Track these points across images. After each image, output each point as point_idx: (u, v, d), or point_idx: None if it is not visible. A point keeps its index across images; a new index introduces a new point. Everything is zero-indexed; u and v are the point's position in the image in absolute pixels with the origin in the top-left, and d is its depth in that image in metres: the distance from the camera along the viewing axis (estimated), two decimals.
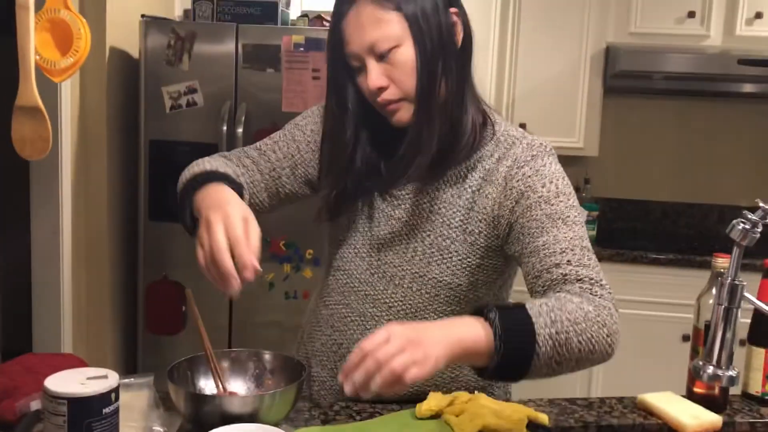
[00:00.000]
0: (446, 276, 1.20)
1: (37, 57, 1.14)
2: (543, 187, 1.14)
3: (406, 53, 1.10)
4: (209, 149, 2.83)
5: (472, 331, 0.98)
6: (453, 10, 1.15)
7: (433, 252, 1.19)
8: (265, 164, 1.30)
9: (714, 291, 1.25)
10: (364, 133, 1.21)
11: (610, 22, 3.24)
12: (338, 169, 1.22)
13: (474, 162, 1.20)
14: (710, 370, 1.03)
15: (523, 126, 3.28)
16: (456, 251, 1.19)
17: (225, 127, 2.83)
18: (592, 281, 1.08)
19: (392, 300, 1.23)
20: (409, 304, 1.23)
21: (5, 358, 1.36)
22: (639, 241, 3.30)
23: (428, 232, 1.20)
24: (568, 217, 1.12)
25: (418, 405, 1.19)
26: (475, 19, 3.50)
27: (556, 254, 1.09)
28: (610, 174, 3.68)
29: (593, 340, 1.04)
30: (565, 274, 1.07)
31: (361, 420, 1.20)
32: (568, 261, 1.08)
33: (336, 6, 1.15)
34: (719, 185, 3.63)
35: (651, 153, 3.67)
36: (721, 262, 1.27)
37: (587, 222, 3.24)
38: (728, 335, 1.03)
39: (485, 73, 3.31)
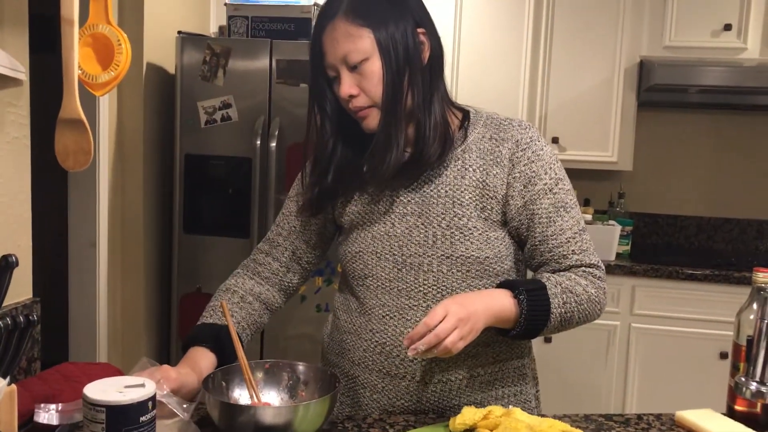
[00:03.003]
0: (472, 251, 1.28)
1: (79, 71, 1.17)
2: (546, 174, 1.30)
3: (375, 65, 1.23)
4: (243, 163, 2.90)
5: (505, 306, 1.21)
6: (420, 30, 1.27)
7: (453, 232, 1.28)
8: (281, 252, 1.45)
9: (755, 306, 1.23)
10: (342, 136, 1.33)
11: (644, 36, 3.21)
12: (321, 168, 1.34)
13: (469, 144, 1.32)
14: (753, 386, 1.01)
15: (555, 140, 3.28)
16: (474, 227, 1.28)
17: (259, 142, 2.87)
18: (592, 266, 1.30)
19: (425, 287, 1.29)
20: (443, 286, 1.29)
21: (43, 367, 1.39)
22: (674, 256, 3.25)
23: (443, 216, 1.29)
24: (567, 203, 1.31)
25: (451, 419, 1.19)
26: (507, 34, 3.50)
27: (563, 245, 1.29)
28: (645, 188, 3.64)
29: (589, 316, 1.30)
30: (571, 265, 1.29)
31: None
32: (573, 251, 1.29)
33: (316, 21, 1.29)
34: (757, 200, 3.57)
35: (686, 167, 3.62)
36: (763, 276, 1.24)
37: (621, 237, 3.20)
38: None
39: (517, 87, 3.31)
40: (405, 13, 1.25)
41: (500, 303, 1.20)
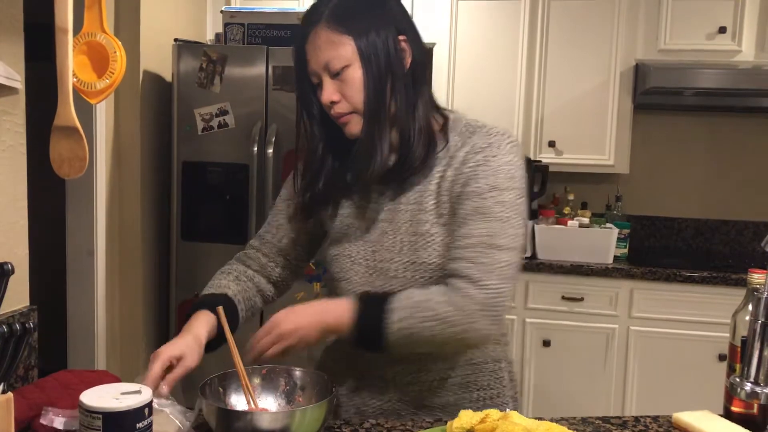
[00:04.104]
0: (434, 258, 1.28)
1: (75, 79, 1.17)
2: (484, 179, 1.25)
3: (356, 72, 1.25)
4: (240, 170, 2.90)
5: (338, 316, 1.23)
6: (402, 38, 1.28)
7: (416, 239, 1.29)
8: (269, 248, 1.49)
9: (750, 307, 1.23)
10: (329, 141, 1.35)
11: (639, 39, 3.22)
12: (311, 174, 1.36)
13: (441, 153, 1.32)
14: (748, 387, 1.01)
15: (552, 144, 3.28)
16: (435, 233, 1.28)
17: (256, 148, 2.87)
18: (474, 281, 1.21)
19: (392, 292, 1.30)
20: None
21: (41, 375, 1.39)
22: (672, 258, 3.26)
23: (409, 222, 1.30)
24: (491, 212, 1.24)
25: (449, 423, 1.19)
26: (503, 38, 3.51)
27: (461, 248, 1.24)
28: (642, 191, 3.65)
29: (443, 338, 1.22)
30: (456, 270, 1.23)
31: None
32: (466, 258, 1.22)
33: (300, 27, 1.30)
34: (753, 202, 3.57)
35: (682, 169, 3.62)
36: (757, 277, 1.25)
37: (619, 239, 3.21)
38: (766, 352, 1.01)
39: (514, 91, 3.32)
40: (386, 20, 1.27)
41: (335, 314, 1.24)
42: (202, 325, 1.31)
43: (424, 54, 1.32)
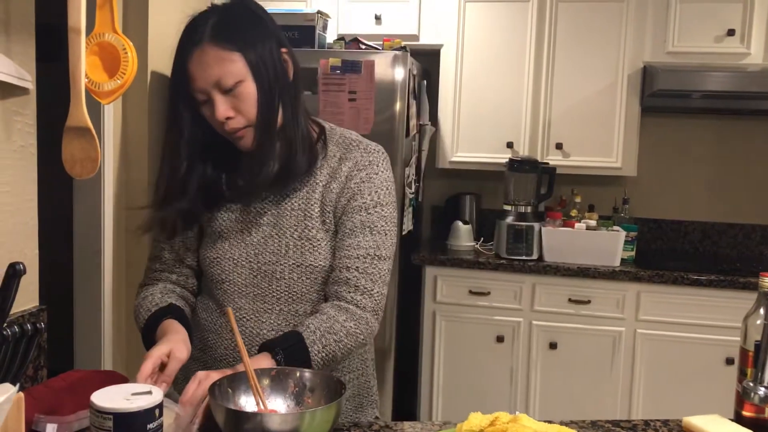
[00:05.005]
0: (320, 261, 1.38)
1: (86, 80, 1.18)
2: (369, 195, 1.38)
3: (249, 87, 1.29)
4: None
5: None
6: (284, 50, 1.34)
7: (303, 243, 1.38)
8: (171, 266, 1.50)
9: (762, 311, 1.23)
10: (200, 157, 1.37)
11: (647, 42, 3.22)
12: (173, 192, 1.36)
13: (321, 162, 1.40)
14: (761, 391, 1.01)
15: (559, 146, 3.27)
16: (322, 238, 1.38)
17: None
18: (362, 291, 1.35)
19: (278, 293, 1.40)
20: (294, 292, 1.39)
21: (49, 375, 1.39)
22: (679, 261, 3.24)
23: (295, 227, 1.38)
24: (376, 227, 1.38)
25: (458, 425, 1.19)
26: (510, 41, 3.50)
27: (352, 258, 1.36)
28: (649, 194, 3.64)
29: (351, 349, 1.35)
30: (348, 279, 1.35)
31: None
32: (357, 267, 1.36)
33: (181, 46, 1.34)
34: (761, 205, 3.56)
35: (690, 172, 3.61)
36: None
37: (626, 242, 3.20)
38: None
39: (521, 94, 3.31)
40: (268, 34, 1.31)
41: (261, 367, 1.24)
42: (178, 328, 1.33)
43: (299, 65, 1.38)
